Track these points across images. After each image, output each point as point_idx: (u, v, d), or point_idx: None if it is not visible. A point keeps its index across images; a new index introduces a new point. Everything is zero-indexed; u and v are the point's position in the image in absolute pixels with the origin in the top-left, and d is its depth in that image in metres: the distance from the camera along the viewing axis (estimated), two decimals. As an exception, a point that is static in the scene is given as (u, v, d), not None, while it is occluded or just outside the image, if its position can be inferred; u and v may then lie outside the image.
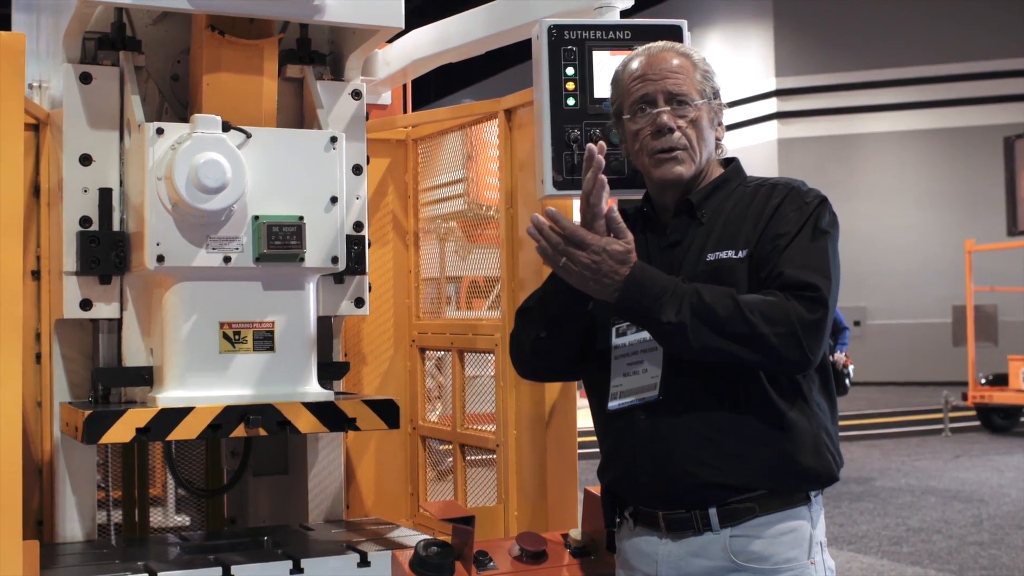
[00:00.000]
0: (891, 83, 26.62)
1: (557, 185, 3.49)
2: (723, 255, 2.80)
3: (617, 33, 3.53)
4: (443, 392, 4.75)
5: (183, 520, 4.50)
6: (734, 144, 26.63)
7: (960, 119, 26.78)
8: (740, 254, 2.79)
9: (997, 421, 18.42)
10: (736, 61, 28.27)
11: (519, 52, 3.61)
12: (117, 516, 4.16)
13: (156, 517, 4.38)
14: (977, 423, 18.58)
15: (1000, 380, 18.22)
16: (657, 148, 2.91)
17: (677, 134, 2.89)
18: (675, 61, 2.95)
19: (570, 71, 3.50)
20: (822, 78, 27.06)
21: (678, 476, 2.71)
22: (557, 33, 3.49)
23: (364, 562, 3.60)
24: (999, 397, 17.94)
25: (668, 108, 2.90)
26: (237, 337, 3.62)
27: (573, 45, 3.50)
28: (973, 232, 22.50)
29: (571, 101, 3.50)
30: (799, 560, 2.69)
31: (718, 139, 2.98)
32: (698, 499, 2.71)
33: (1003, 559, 8.89)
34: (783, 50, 27.38)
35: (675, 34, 3.55)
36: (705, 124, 2.92)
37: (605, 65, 3.49)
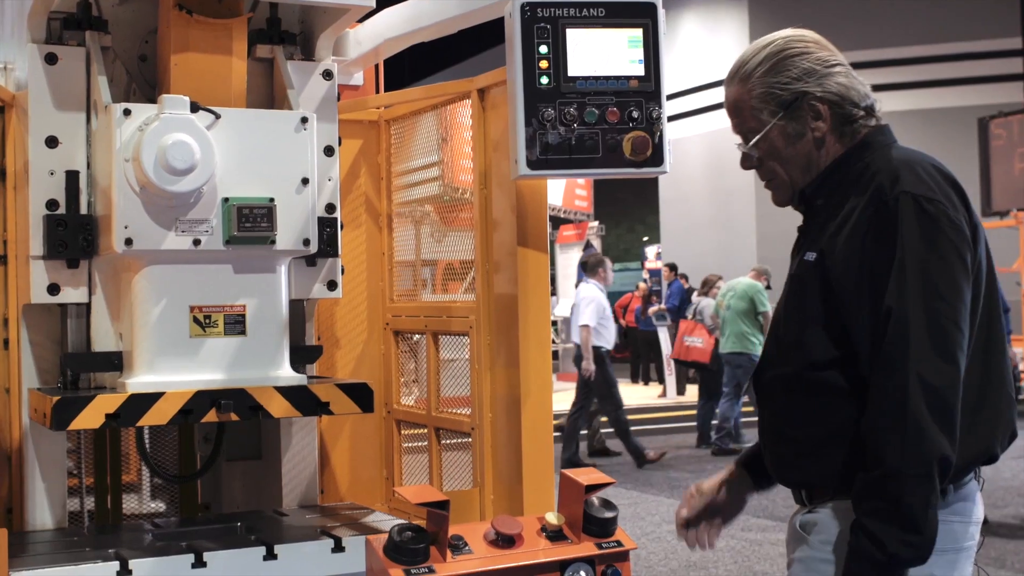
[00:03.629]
0: (866, 64, 26.65)
1: (531, 165, 3.45)
2: (808, 256, 2.67)
3: (591, 10, 3.48)
4: (419, 377, 4.71)
5: (158, 506, 4.45)
6: (708, 127, 26.66)
7: (935, 100, 26.84)
8: (810, 256, 2.66)
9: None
10: (711, 42, 28.27)
11: (494, 34, 3.56)
12: (90, 503, 4.12)
13: (130, 504, 4.34)
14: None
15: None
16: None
17: (761, 171, 2.79)
18: (731, 94, 2.79)
19: (543, 49, 3.45)
20: (797, 60, 27.10)
21: None
22: (530, 10, 3.45)
23: (339, 547, 3.57)
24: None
25: (744, 147, 2.78)
26: (208, 321, 3.57)
27: (546, 23, 3.45)
28: (949, 213, 22.61)
29: (544, 80, 3.45)
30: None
31: (817, 133, 2.70)
32: None
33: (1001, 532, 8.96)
34: (758, 31, 27.34)
35: (648, 12, 3.53)
36: (783, 143, 2.72)
37: (579, 43, 3.46)
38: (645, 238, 35.93)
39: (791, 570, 2.68)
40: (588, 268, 13.38)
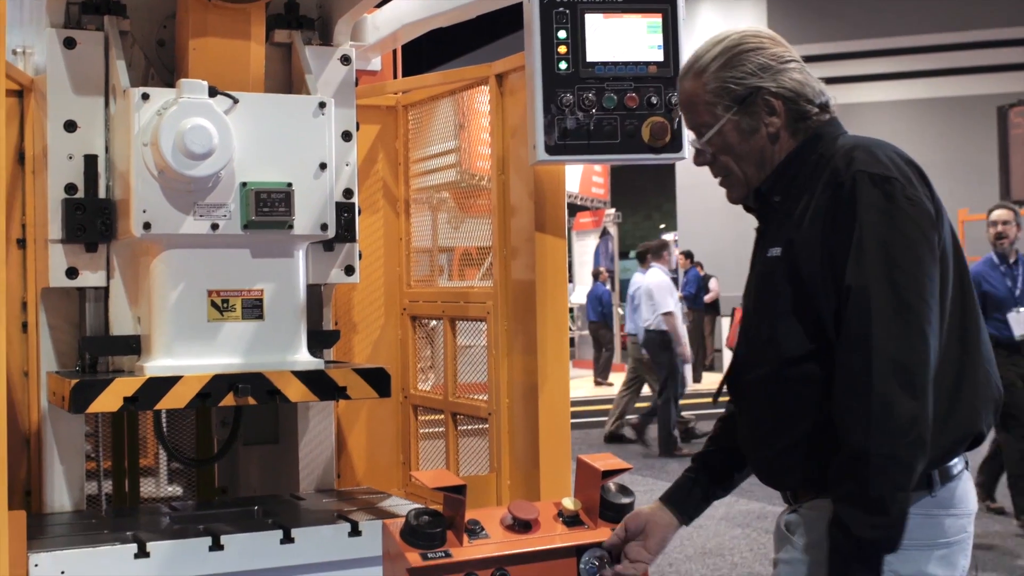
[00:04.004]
0: (885, 52, 26.52)
1: (549, 150, 3.45)
2: (772, 252, 2.62)
3: (610, -5, 3.48)
4: (435, 363, 4.72)
5: (175, 490, 4.47)
6: (727, 114, 26.53)
7: (954, 88, 26.71)
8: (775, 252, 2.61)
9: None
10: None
11: (512, 20, 3.55)
12: (108, 487, 4.13)
13: (148, 487, 4.35)
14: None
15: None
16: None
17: (715, 167, 2.74)
18: (685, 89, 2.74)
19: (562, 34, 3.45)
20: (815, 47, 26.95)
21: None
22: (549, -4, 3.44)
23: (355, 531, 3.58)
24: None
25: (697, 143, 2.73)
26: (225, 305, 3.58)
27: (565, 8, 3.45)
28: (967, 202, 22.45)
29: (563, 65, 3.45)
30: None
31: (771, 128, 2.64)
32: None
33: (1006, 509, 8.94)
34: (776, 19, 27.26)
35: (667, -1, 3.51)
36: (737, 138, 2.67)
37: (597, 28, 3.45)
38: (662, 225, 35.88)
39: (776, 570, 2.62)
40: (653, 252, 13.25)
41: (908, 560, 2.43)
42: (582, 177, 24.54)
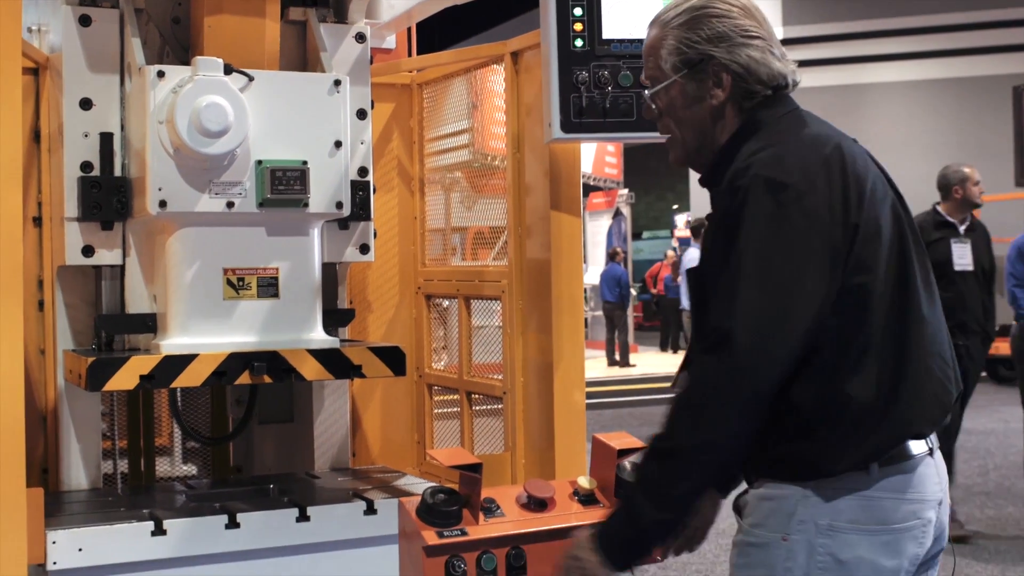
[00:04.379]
0: (899, 32, 26.41)
1: (564, 128, 3.44)
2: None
3: (626, -27, 3.46)
4: (449, 344, 4.72)
5: (189, 469, 4.48)
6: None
7: (968, 68, 26.58)
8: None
9: (1003, 372, 18.38)
10: (743, 10, 28.09)
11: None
12: (123, 465, 4.14)
13: (162, 466, 4.37)
14: (983, 374, 18.56)
15: (1006, 331, 18.14)
16: None
17: (661, 123, 2.67)
18: (648, 37, 2.66)
19: (578, 11, 3.44)
20: (829, 27, 26.86)
21: None
22: (565, -27, 3.42)
23: (371, 510, 3.58)
24: (1005, 348, 17.87)
25: (646, 93, 2.67)
26: (241, 283, 3.58)
27: (581, -15, 3.43)
28: (982, 183, 22.40)
29: (579, 42, 3.44)
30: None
31: (715, 101, 2.56)
32: None
33: (1008, 509, 8.87)
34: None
35: (685, -26, 3.49)
36: (681, 102, 2.60)
37: (613, 5, 3.43)
38: (675, 206, 35.81)
39: (731, 553, 2.62)
40: (697, 233, 13.21)
41: (845, 544, 2.41)
42: (595, 157, 24.47)
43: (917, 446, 2.46)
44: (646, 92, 2.67)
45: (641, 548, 2.47)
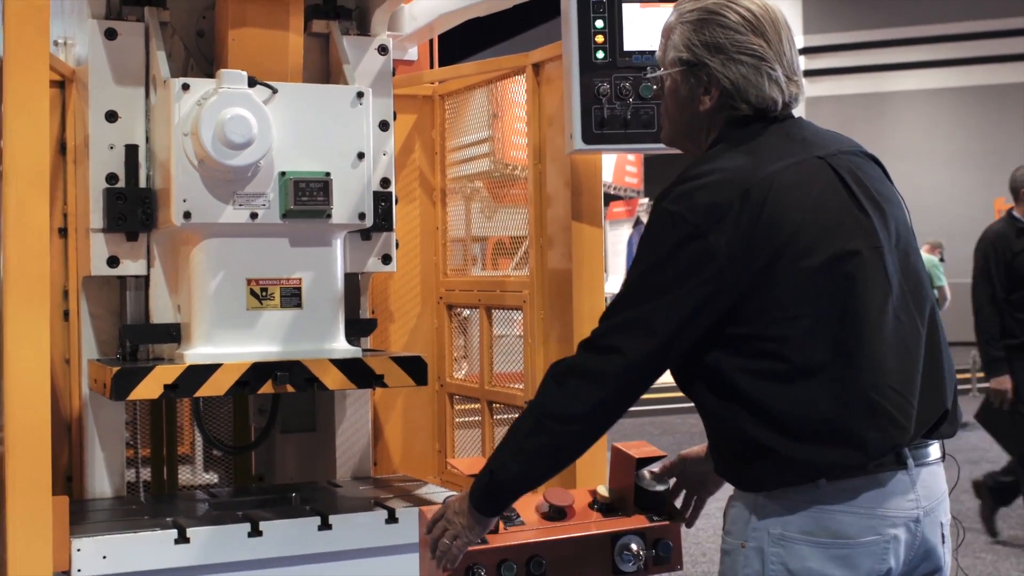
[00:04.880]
0: (921, 40, 26.36)
1: (586, 139, 3.46)
2: None
3: (646, -15, 3.49)
4: (469, 353, 4.74)
5: (211, 478, 4.51)
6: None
7: (991, 76, 26.51)
8: None
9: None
10: (764, 19, 28.06)
11: (546, 8, 3.56)
12: (146, 474, 4.18)
13: (184, 475, 4.40)
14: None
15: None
16: None
17: (659, 102, 2.77)
18: (668, 19, 2.68)
19: (599, 24, 3.46)
20: (850, 35, 26.84)
21: None
22: (586, -15, 3.45)
23: (392, 518, 3.61)
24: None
25: (650, 74, 2.76)
26: (264, 294, 3.61)
27: (602, -3, 3.46)
28: (1003, 191, 22.30)
29: (600, 54, 3.46)
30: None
31: (701, 107, 2.58)
32: None
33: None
34: (811, 7, 27.14)
35: (705, -14, 3.51)
36: (672, 96, 2.64)
37: (635, 18, 3.46)
38: (695, 215, 35.68)
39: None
40: None
41: (796, 554, 2.42)
42: (615, 166, 24.50)
43: (884, 463, 2.44)
44: (650, 75, 2.73)
45: (500, 495, 2.66)
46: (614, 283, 21.69)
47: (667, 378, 2.64)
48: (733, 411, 2.45)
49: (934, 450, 2.54)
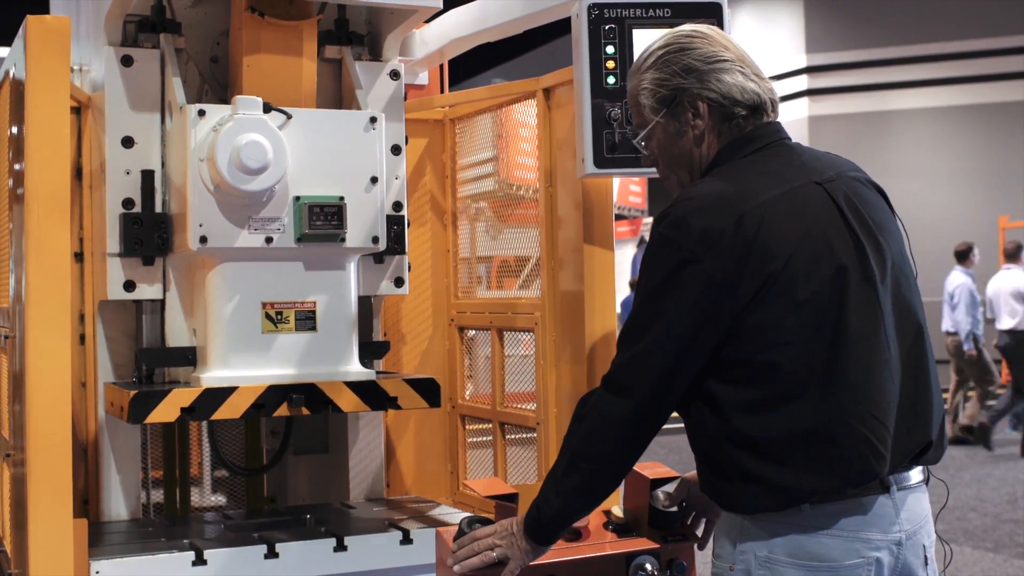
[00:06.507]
0: (924, 59, 26.39)
1: (597, 163, 3.50)
2: None
3: (657, 11, 3.53)
4: (474, 373, 4.76)
5: (219, 499, 4.54)
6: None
7: (995, 94, 26.52)
8: None
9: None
10: (766, 37, 28.11)
11: (550, 30, 3.60)
12: (157, 496, 4.20)
13: (193, 497, 4.42)
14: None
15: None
16: None
17: (658, 168, 2.79)
18: (630, 86, 2.76)
19: (610, 49, 3.50)
20: (853, 54, 26.86)
21: None
22: (597, 11, 3.50)
23: (407, 539, 3.63)
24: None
25: (638, 143, 2.78)
26: (279, 317, 3.64)
27: (613, 23, 3.51)
28: (1007, 209, 22.31)
29: (611, 80, 3.50)
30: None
31: (696, 131, 2.64)
32: None
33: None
34: (814, 26, 27.19)
35: (714, 11, 3.56)
36: (667, 141, 2.70)
37: (645, 43, 3.47)
38: (699, 234, 35.66)
39: None
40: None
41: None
42: (620, 186, 24.55)
43: (867, 488, 2.48)
44: (635, 140, 2.78)
45: (549, 528, 2.72)
46: (618, 302, 21.72)
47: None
48: (718, 434, 2.51)
49: (915, 474, 2.58)
